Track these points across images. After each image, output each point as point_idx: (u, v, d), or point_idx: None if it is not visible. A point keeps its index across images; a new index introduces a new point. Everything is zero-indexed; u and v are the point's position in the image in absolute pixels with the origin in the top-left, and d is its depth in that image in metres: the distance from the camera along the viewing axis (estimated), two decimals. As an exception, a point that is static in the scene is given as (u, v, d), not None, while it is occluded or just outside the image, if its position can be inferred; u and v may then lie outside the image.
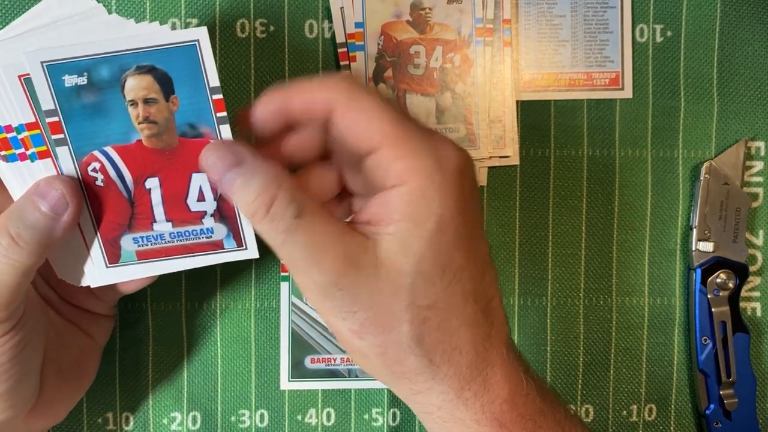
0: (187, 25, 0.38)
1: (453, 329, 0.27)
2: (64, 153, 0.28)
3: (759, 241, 0.41)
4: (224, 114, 0.29)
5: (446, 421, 0.28)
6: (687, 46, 0.40)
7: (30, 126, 0.28)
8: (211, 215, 0.30)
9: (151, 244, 0.30)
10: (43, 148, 0.29)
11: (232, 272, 0.39)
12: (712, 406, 0.39)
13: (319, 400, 0.40)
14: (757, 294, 0.41)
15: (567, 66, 0.39)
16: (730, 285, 0.39)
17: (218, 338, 0.39)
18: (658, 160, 0.40)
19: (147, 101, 0.28)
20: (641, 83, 0.40)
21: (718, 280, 0.39)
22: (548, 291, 0.40)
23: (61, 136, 0.28)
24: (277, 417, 0.40)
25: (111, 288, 0.32)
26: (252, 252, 0.31)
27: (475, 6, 0.38)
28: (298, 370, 0.39)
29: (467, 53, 0.38)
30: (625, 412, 0.40)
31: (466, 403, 0.27)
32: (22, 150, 0.29)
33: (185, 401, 0.39)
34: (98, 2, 0.28)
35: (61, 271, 0.31)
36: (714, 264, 0.39)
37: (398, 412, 0.40)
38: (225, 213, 0.30)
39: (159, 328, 0.39)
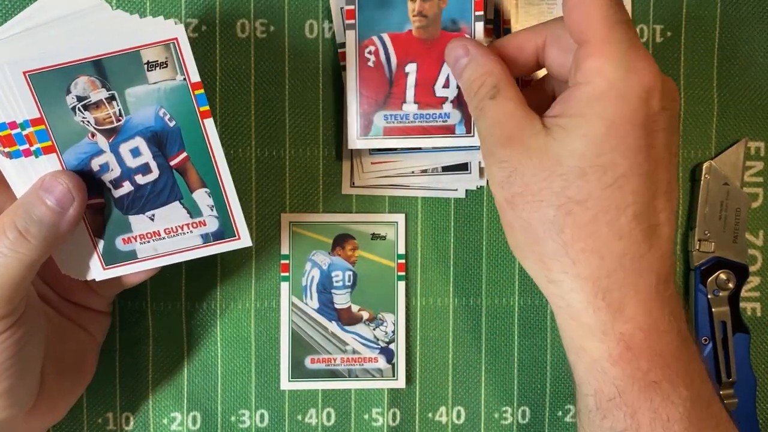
0: (187, 26, 0.38)
1: (600, 233, 0.27)
2: (350, 35, 0.35)
3: (759, 241, 0.41)
4: (482, 13, 0.34)
5: (573, 319, 0.28)
6: (687, 46, 0.40)
7: (35, 122, 0.29)
8: (451, 101, 0.35)
9: (397, 122, 0.35)
10: (48, 143, 0.29)
11: (232, 272, 0.39)
12: (712, 406, 0.39)
13: (319, 400, 0.40)
14: (757, 294, 0.41)
15: (567, 66, 0.39)
16: (730, 285, 0.39)
17: (218, 338, 0.39)
18: (658, 160, 0.40)
19: None
20: (641, 83, 0.40)
21: (718, 281, 0.39)
22: (548, 291, 0.40)
23: (352, 21, 0.35)
24: (277, 417, 0.40)
25: (111, 283, 0.33)
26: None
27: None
28: (298, 370, 0.39)
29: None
30: (625, 412, 0.40)
31: (596, 311, 0.28)
32: (27, 146, 0.29)
33: (185, 401, 0.39)
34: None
35: (65, 266, 0.31)
36: (714, 264, 0.39)
37: (398, 412, 0.40)
38: (461, 101, 0.35)
39: (159, 328, 0.39)
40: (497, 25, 0.38)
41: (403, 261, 0.39)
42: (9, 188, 0.30)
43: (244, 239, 0.32)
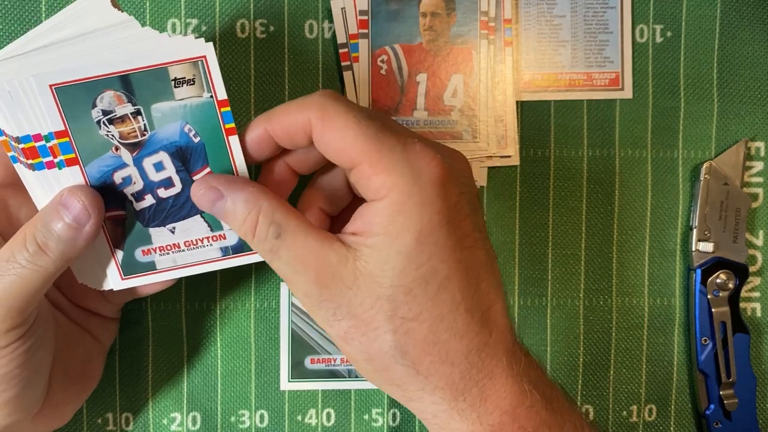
0: (186, 26, 0.38)
1: (442, 341, 0.27)
2: (364, 44, 0.36)
3: (759, 241, 0.41)
4: (485, 32, 0.37)
5: (443, 428, 0.28)
6: (687, 46, 0.40)
7: (59, 134, 0.29)
8: (459, 109, 0.37)
9: (408, 128, 0.34)
10: (71, 155, 0.29)
11: (232, 272, 0.39)
12: (712, 406, 0.39)
13: (319, 401, 0.40)
14: (757, 294, 0.41)
15: (567, 66, 0.39)
16: (730, 285, 0.39)
17: (218, 338, 0.39)
18: (658, 160, 0.40)
19: (434, 14, 0.37)
20: (641, 83, 0.40)
21: (718, 281, 0.39)
22: (548, 291, 0.40)
23: (365, 31, 0.37)
24: (277, 417, 0.40)
25: (124, 291, 0.33)
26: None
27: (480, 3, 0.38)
28: (298, 371, 0.39)
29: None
30: (625, 412, 0.40)
31: (461, 414, 0.27)
32: (50, 158, 0.29)
33: (185, 402, 0.39)
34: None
35: (82, 275, 0.32)
36: (714, 264, 0.39)
37: (398, 412, 0.40)
38: (468, 112, 0.37)
39: (159, 328, 0.39)
40: (498, 24, 0.38)
41: (403, 261, 0.39)
42: (25, 193, 0.30)
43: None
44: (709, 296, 0.39)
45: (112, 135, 0.29)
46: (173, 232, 0.31)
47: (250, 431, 0.40)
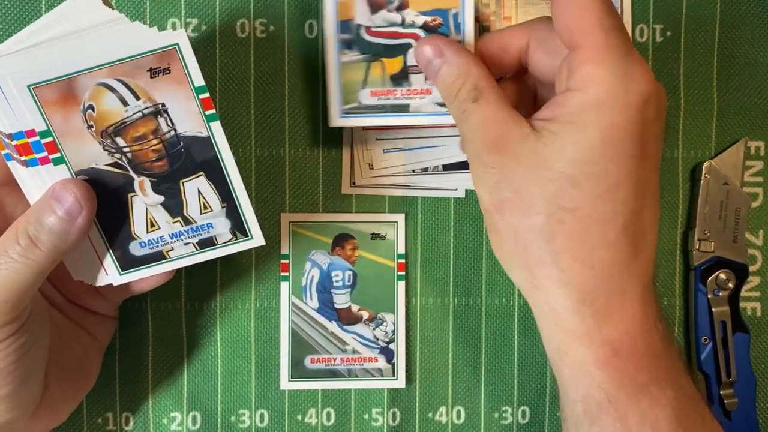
0: (186, 26, 0.38)
1: (589, 242, 0.27)
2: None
3: (759, 241, 0.41)
4: (487, 24, 0.37)
5: (558, 325, 0.28)
6: (687, 46, 0.40)
7: (48, 133, 0.29)
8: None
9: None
10: (59, 154, 0.29)
11: (232, 272, 0.39)
12: (712, 406, 0.39)
13: (319, 400, 0.40)
14: (757, 294, 0.41)
15: (567, 66, 0.39)
16: (730, 285, 0.39)
17: (218, 338, 0.39)
18: (658, 160, 0.40)
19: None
20: (641, 83, 0.40)
21: (718, 280, 0.39)
22: (548, 291, 0.40)
23: None
24: (277, 417, 0.40)
25: (119, 288, 0.33)
26: (258, 240, 0.32)
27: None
28: (298, 370, 0.39)
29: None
30: (625, 412, 0.40)
31: (583, 318, 0.27)
32: (44, 154, 0.29)
33: (185, 401, 0.39)
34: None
35: (77, 271, 0.32)
36: (714, 264, 0.39)
37: (398, 412, 0.40)
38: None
39: (159, 328, 0.39)
40: (498, 21, 0.38)
41: (403, 261, 0.39)
42: (20, 192, 0.30)
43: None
44: (709, 296, 0.39)
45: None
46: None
47: (250, 431, 0.39)
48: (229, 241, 0.32)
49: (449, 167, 0.38)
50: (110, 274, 0.32)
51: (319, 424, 0.40)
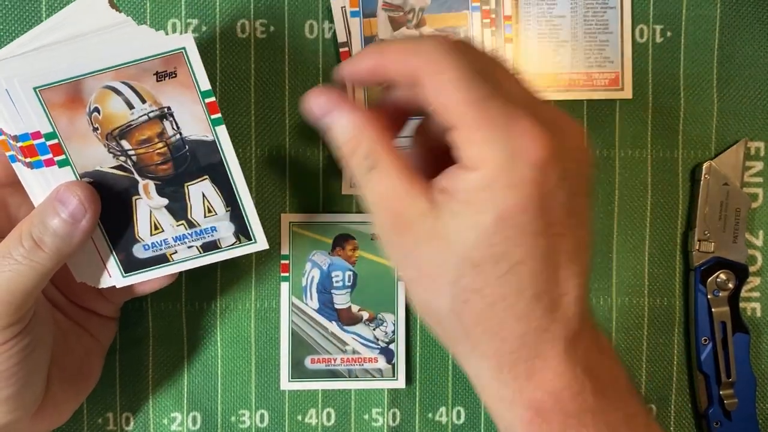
0: (186, 26, 0.38)
1: (498, 317, 0.26)
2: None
3: (759, 241, 0.41)
4: (487, 21, 0.36)
5: (484, 392, 0.28)
6: (687, 46, 0.40)
7: (52, 134, 0.29)
8: None
9: None
10: (63, 156, 0.29)
11: (233, 272, 0.39)
12: (712, 406, 0.39)
13: (319, 400, 0.40)
14: (757, 294, 0.41)
15: (567, 66, 0.39)
16: (730, 285, 0.39)
17: (218, 338, 0.39)
18: (658, 160, 0.40)
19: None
20: (641, 83, 0.40)
21: (718, 281, 0.39)
22: (548, 291, 0.40)
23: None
24: (277, 417, 0.40)
25: (122, 290, 0.33)
26: (261, 244, 0.32)
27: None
28: (298, 370, 0.39)
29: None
30: (625, 412, 0.40)
31: (504, 384, 0.27)
32: (49, 156, 0.29)
33: (185, 401, 0.39)
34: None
35: (80, 273, 0.32)
36: (714, 264, 0.39)
37: (398, 412, 0.40)
38: None
39: (159, 328, 0.39)
40: (498, 21, 0.38)
41: (403, 261, 0.39)
42: (24, 192, 0.30)
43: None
44: (709, 296, 0.39)
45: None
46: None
47: (251, 431, 0.40)
48: (232, 244, 0.32)
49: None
50: (113, 277, 0.32)
51: (320, 425, 0.40)
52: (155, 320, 0.39)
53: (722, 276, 0.39)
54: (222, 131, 0.30)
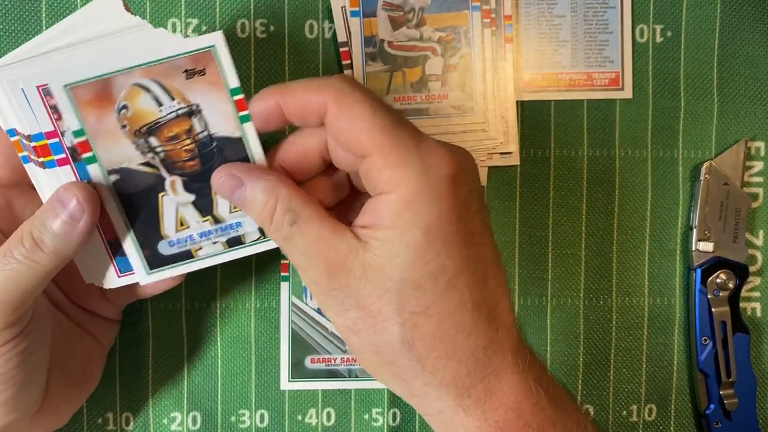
0: (186, 26, 0.38)
1: (449, 337, 0.27)
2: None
3: (759, 241, 0.41)
4: (487, 20, 0.37)
5: (448, 424, 0.28)
6: (687, 46, 0.40)
7: (77, 132, 0.29)
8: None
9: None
10: (89, 154, 0.29)
11: (233, 272, 0.39)
12: (712, 406, 0.39)
13: (319, 400, 0.40)
14: (757, 294, 0.41)
15: (567, 66, 0.39)
16: (730, 285, 0.39)
17: (218, 338, 0.39)
18: (658, 160, 0.40)
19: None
20: (641, 83, 0.40)
21: (718, 280, 0.39)
22: (548, 291, 0.40)
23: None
24: (277, 417, 0.40)
25: (124, 292, 0.33)
26: (273, 243, 0.32)
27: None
28: (298, 370, 0.39)
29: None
30: (625, 412, 0.40)
31: (466, 410, 0.27)
32: (63, 155, 0.29)
33: (185, 401, 0.39)
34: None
35: (88, 274, 0.31)
36: (714, 264, 0.39)
37: (398, 412, 0.40)
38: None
39: (159, 327, 0.39)
40: (498, 21, 0.38)
41: (403, 261, 0.39)
42: (30, 193, 0.30)
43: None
44: (709, 296, 0.39)
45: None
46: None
47: (251, 431, 0.40)
48: (256, 240, 0.32)
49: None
50: (138, 273, 0.32)
51: (320, 425, 0.40)
52: (155, 320, 0.39)
53: (722, 276, 0.39)
54: (249, 128, 0.30)
